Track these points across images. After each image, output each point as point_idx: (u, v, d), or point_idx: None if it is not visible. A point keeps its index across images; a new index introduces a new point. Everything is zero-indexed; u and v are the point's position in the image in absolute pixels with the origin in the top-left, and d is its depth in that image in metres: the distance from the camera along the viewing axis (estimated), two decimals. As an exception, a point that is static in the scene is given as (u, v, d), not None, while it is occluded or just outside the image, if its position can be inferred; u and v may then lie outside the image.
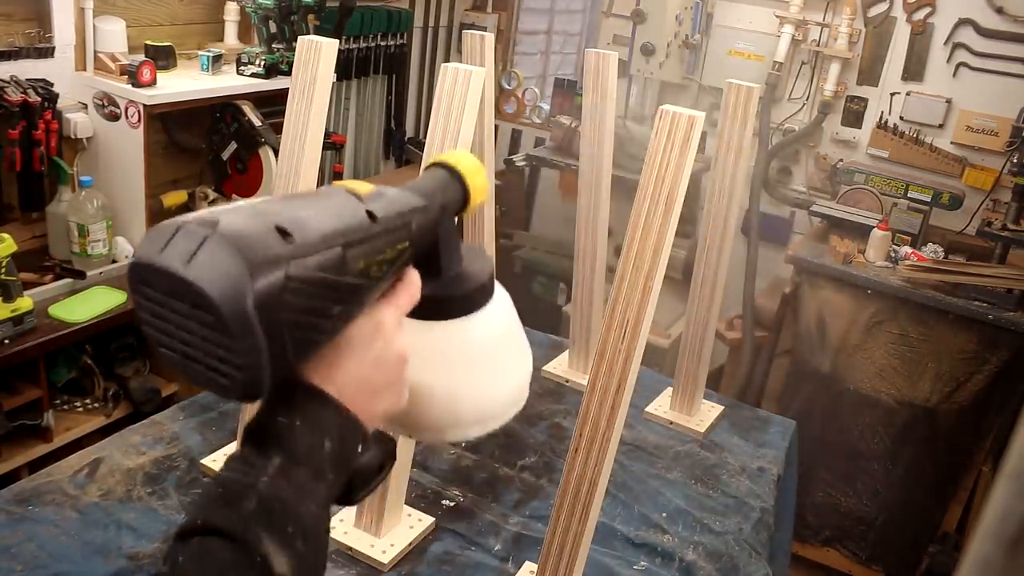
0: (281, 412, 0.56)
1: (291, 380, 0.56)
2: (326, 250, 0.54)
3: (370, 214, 0.58)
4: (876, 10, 3.26)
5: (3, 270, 2.00)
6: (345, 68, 3.39)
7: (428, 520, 1.49)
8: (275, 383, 0.53)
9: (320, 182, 3.09)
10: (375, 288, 0.59)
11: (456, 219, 0.70)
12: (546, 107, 4.16)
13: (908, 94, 3.26)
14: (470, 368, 0.69)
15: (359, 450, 0.60)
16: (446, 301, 0.68)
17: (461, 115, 1.31)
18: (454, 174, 0.69)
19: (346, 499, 0.62)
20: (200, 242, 0.50)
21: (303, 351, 0.54)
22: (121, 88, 2.39)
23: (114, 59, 2.43)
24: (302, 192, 0.62)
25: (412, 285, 0.63)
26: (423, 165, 1.38)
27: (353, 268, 0.56)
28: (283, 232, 0.52)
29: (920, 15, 3.18)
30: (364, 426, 0.59)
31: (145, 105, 2.38)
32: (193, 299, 0.49)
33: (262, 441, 0.55)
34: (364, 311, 0.59)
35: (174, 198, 2.73)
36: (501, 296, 0.73)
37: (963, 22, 3.12)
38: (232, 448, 1.61)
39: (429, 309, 0.66)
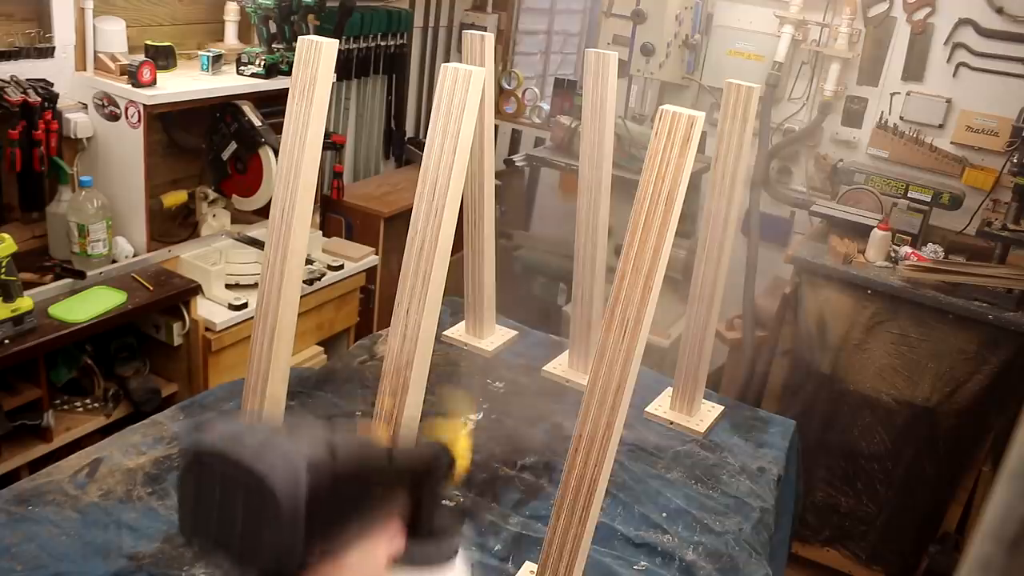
0: None
1: None
2: (359, 470, 0.65)
3: (390, 452, 0.71)
4: (876, 10, 3.26)
5: (3, 270, 2.00)
6: (345, 68, 3.39)
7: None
8: (300, 566, 0.61)
9: (320, 182, 3.09)
10: (381, 515, 0.70)
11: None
12: (546, 107, 4.16)
13: (908, 94, 3.26)
14: None
15: None
16: (413, 554, 0.77)
17: (461, 115, 1.31)
18: (447, 450, 0.82)
19: None
20: (266, 440, 0.59)
21: (324, 549, 0.62)
22: (121, 88, 2.39)
23: (114, 59, 2.43)
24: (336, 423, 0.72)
25: (399, 533, 0.74)
26: (423, 166, 1.38)
27: (372, 493, 0.68)
28: (332, 447, 0.62)
29: (920, 15, 3.18)
30: None
31: (145, 105, 2.38)
32: (257, 487, 0.57)
33: None
34: (361, 542, 0.68)
35: (174, 198, 2.73)
36: (462, 562, 0.84)
37: (963, 22, 3.12)
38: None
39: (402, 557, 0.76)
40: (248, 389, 1.56)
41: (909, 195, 3.12)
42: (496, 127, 4.00)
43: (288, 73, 2.35)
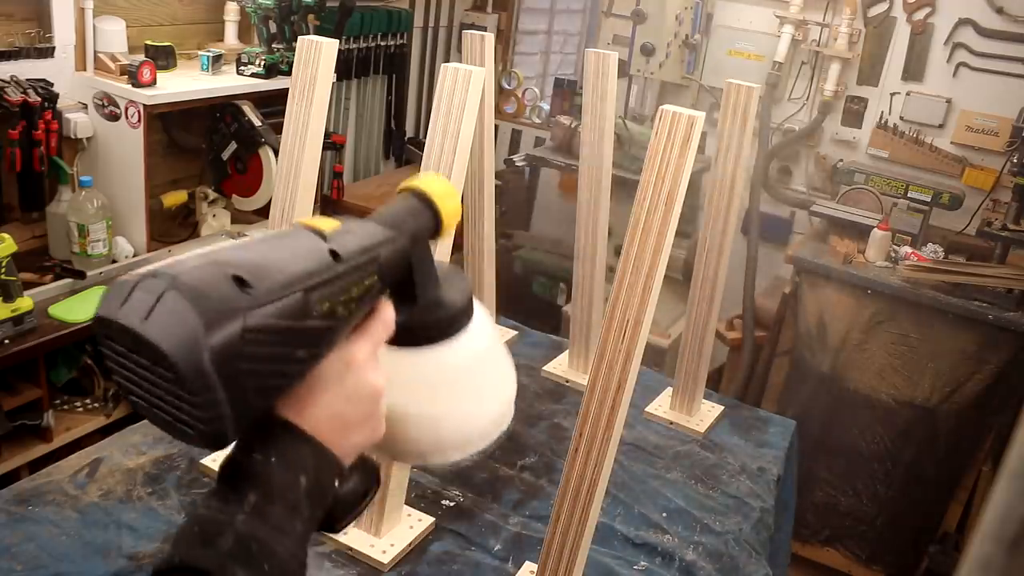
0: (256, 449, 0.56)
1: (265, 417, 0.57)
2: (286, 296, 0.53)
3: (333, 253, 0.58)
4: (876, 10, 3.26)
5: (3, 270, 2.00)
6: (345, 68, 3.39)
7: (428, 520, 1.49)
8: (243, 427, 0.53)
9: (320, 182, 3.09)
10: (343, 327, 0.58)
11: (431, 244, 0.69)
12: (546, 107, 4.16)
13: (908, 94, 3.26)
14: (451, 393, 0.69)
15: (336, 484, 0.60)
16: (424, 327, 0.67)
17: (461, 115, 1.31)
18: (424, 199, 0.68)
19: (329, 528, 0.62)
20: (157, 297, 0.50)
21: (269, 396, 0.55)
22: (121, 88, 2.39)
23: (114, 59, 2.43)
24: (265, 235, 0.62)
25: (385, 317, 0.63)
26: (423, 166, 1.38)
27: (317, 311, 0.55)
28: (240, 282, 0.52)
29: (920, 15, 3.18)
30: (340, 460, 0.59)
31: (145, 105, 2.38)
32: (151, 355, 0.50)
33: (237, 479, 0.56)
34: (336, 348, 0.58)
35: (174, 198, 2.73)
36: (480, 317, 0.72)
37: (963, 22, 3.12)
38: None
39: (408, 336, 0.66)
40: (248, 389, 1.56)
41: (909, 195, 3.12)
42: (496, 127, 4.00)
43: (288, 73, 2.35)
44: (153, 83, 2.40)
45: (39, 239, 2.44)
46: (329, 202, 3.41)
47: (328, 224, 0.61)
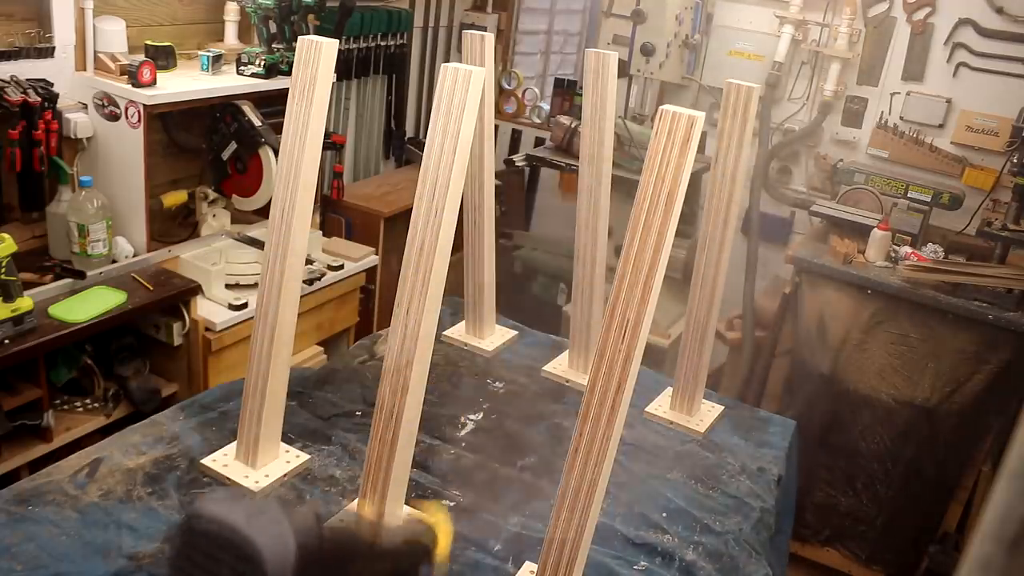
0: None
1: None
2: (344, 551, 0.68)
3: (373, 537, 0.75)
4: (876, 10, 3.26)
5: (3, 270, 2.00)
6: (345, 68, 3.39)
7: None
8: None
9: (320, 182, 3.09)
10: None
11: None
12: (546, 107, 4.16)
13: (908, 94, 3.26)
14: None
15: None
16: None
17: (461, 115, 1.31)
18: (431, 530, 0.87)
19: None
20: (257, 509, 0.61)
21: None
22: (121, 88, 2.39)
23: (114, 59, 2.43)
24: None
25: None
26: (423, 166, 1.38)
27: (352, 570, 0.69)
28: (320, 526, 0.65)
29: (920, 15, 3.18)
30: None
31: (145, 105, 2.38)
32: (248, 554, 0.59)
33: None
34: None
35: (174, 198, 2.73)
36: None
37: (963, 22, 3.12)
38: (232, 448, 1.61)
39: None
40: (248, 389, 1.56)
41: (909, 195, 3.12)
42: (496, 127, 4.00)
43: (288, 73, 2.35)
44: (153, 83, 2.40)
45: (39, 239, 2.44)
46: (329, 202, 3.41)
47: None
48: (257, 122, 2.71)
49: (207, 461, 1.57)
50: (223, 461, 1.58)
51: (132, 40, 2.54)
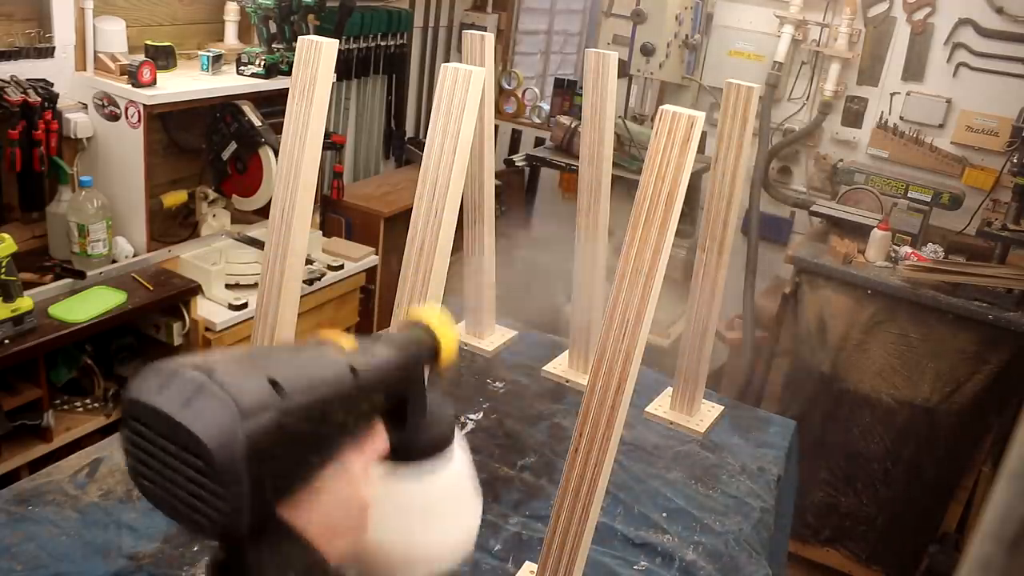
0: (249, 545, 0.59)
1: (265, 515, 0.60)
2: (312, 403, 0.58)
3: (352, 369, 0.63)
4: (876, 10, 3.26)
5: (3, 270, 2.00)
6: (345, 68, 3.39)
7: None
8: (255, 522, 0.56)
9: (320, 182, 3.09)
10: (349, 438, 0.65)
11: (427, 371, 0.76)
12: (546, 107, 4.16)
13: (908, 94, 3.26)
14: (424, 517, 0.75)
15: None
16: (405, 450, 0.73)
17: (461, 115, 1.31)
18: (428, 331, 0.75)
19: None
20: (196, 388, 0.53)
21: (282, 494, 0.59)
22: (121, 88, 2.39)
23: (114, 59, 2.43)
24: (291, 344, 0.70)
25: (379, 437, 0.69)
26: (423, 166, 1.38)
27: (333, 420, 0.61)
28: (275, 384, 0.56)
29: (920, 15, 3.18)
30: (328, 564, 0.63)
31: (145, 105, 2.38)
32: (185, 442, 0.52)
33: (230, 573, 0.59)
34: (337, 458, 0.64)
35: (174, 198, 2.73)
36: (458, 449, 0.78)
37: (963, 22, 3.12)
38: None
39: (392, 454, 0.71)
40: (248, 389, 1.56)
41: (909, 195, 3.12)
42: (496, 127, 4.00)
43: (288, 73, 2.34)
44: (153, 83, 2.40)
45: (39, 239, 2.44)
46: (329, 202, 3.41)
47: (348, 342, 0.67)
48: (257, 122, 2.71)
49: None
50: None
51: (132, 40, 2.54)
